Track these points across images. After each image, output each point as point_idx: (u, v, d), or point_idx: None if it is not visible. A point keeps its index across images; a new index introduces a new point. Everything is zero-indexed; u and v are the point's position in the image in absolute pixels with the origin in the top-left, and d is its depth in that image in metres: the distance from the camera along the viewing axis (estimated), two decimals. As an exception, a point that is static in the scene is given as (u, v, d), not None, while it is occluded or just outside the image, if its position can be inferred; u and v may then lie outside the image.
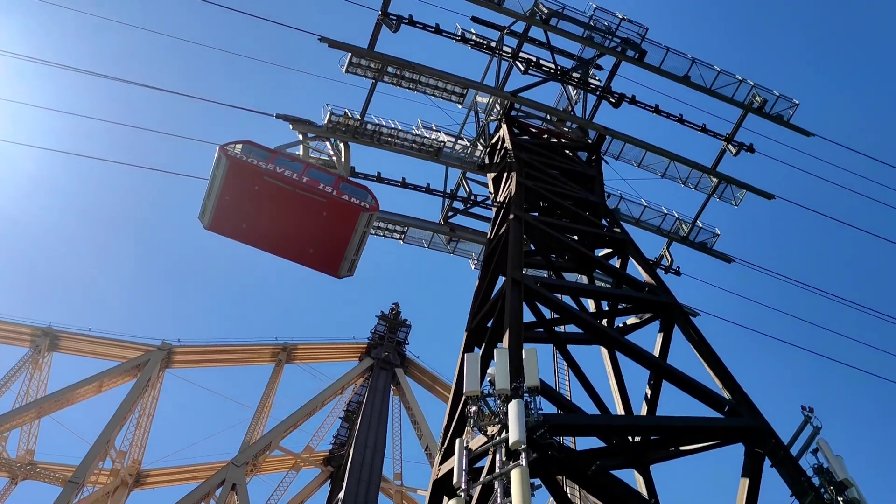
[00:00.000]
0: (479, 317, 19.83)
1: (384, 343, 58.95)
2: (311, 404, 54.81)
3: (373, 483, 47.01)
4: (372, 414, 52.35)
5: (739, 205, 30.35)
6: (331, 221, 16.78)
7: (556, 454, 13.76)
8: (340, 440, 58.00)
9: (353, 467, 47.63)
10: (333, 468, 56.73)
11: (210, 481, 45.64)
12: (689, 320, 20.18)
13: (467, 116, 31.18)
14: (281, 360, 55.08)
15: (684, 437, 17.32)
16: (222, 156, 16.12)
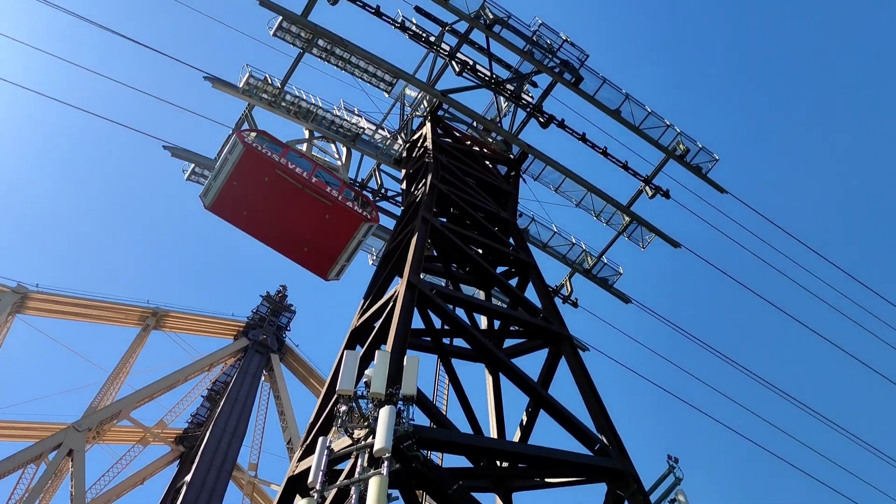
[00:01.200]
0: (368, 315, 19.85)
1: (264, 325, 57.97)
2: (172, 377, 53.28)
3: (224, 470, 46.09)
4: (237, 397, 51.35)
5: (646, 248, 31.58)
6: (331, 225, 17.44)
7: (420, 468, 13.91)
8: (198, 420, 56.53)
9: (206, 451, 46.55)
10: (185, 449, 55.22)
11: (44, 443, 43.62)
12: (577, 353, 20.82)
13: (392, 107, 31.19)
14: (149, 324, 53.29)
15: (551, 469, 17.85)
16: (238, 142, 16.14)
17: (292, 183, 16.05)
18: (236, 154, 16.28)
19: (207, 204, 16.24)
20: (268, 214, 16.90)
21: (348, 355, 14.57)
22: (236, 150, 16.09)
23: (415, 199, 24.10)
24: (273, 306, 60.24)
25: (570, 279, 31.80)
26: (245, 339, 56.88)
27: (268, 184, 16.24)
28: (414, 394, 14.10)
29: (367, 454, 12.71)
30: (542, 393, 18.79)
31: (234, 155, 16.33)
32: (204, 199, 16.32)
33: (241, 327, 57.96)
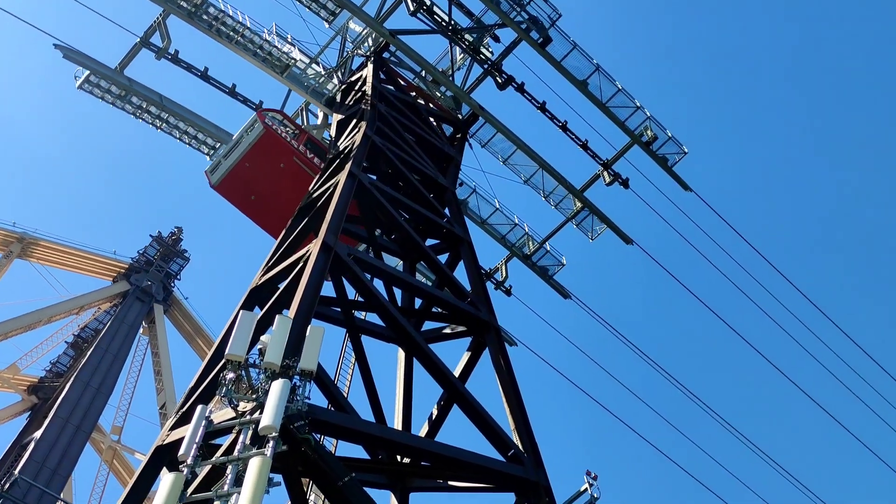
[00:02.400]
0: (272, 274, 19.63)
1: (150, 270, 56.74)
2: (34, 316, 51.78)
3: (82, 430, 45.20)
4: (108, 349, 50.27)
5: (595, 240, 32.07)
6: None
7: (309, 453, 13.89)
8: (58, 369, 55.11)
9: (63, 405, 45.50)
10: (39, 400, 53.82)
11: None
12: (503, 347, 21.06)
13: (332, 40, 30.73)
14: (12, 251, 51.57)
15: (456, 472, 18.08)
16: (259, 122, 16.19)
17: (308, 173, 16.52)
18: (254, 135, 16.86)
19: (214, 182, 16.64)
20: (276, 202, 17.61)
21: (244, 316, 14.39)
22: (255, 131, 16.64)
23: (344, 149, 23.85)
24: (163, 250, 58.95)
25: (506, 263, 32.08)
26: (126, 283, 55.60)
27: (282, 170, 16.96)
28: (314, 369, 14.03)
29: (252, 431, 12.60)
30: (459, 386, 18.95)
31: (252, 135, 16.92)
32: (210, 177, 16.64)
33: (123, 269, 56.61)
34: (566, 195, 31.56)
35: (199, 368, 17.80)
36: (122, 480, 55.05)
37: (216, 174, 16.65)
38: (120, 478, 55.72)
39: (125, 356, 51.76)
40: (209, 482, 12.72)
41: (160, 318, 55.13)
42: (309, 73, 29.81)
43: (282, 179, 17.33)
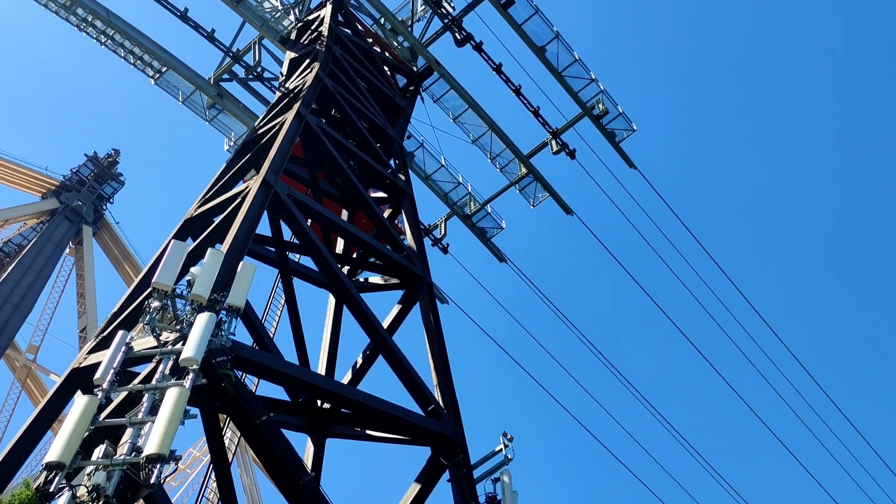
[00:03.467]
0: (209, 207, 19.29)
1: (82, 190, 55.25)
2: (-46, 225, 50.15)
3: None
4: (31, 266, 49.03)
5: (536, 206, 32.24)
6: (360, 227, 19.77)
7: (229, 389, 13.80)
8: (-23, 282, 53.60)
9: (-20, 320, 44.41)
10: (-46, 312, 52.34)
11: None
12: (435, 304, 21.15)
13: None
14: (-65, 156, 49.74)
15: (375, 422, 18.20)
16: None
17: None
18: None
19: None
20: None
21: (175, 245, 14.15)
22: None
23: (295, 88, 23.43)
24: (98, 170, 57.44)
25: (446, 221, 32.08)
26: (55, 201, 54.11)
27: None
28: (241, 306, 13.90)
29: (172, 361, 12.47)
30: (386, 338, 19.00)
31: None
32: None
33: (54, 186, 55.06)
34: (512, 159, 31.60)
35: (125, 295, 17.49)
36: (35, 400, 54.06)
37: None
38: (32, 398, 54.72)
39: (48, 275, 50.53)
40: (123, 409, 12.57)
41: (88, 239, 53.80)
42: (265, 6, 29.11)
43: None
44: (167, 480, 11.40)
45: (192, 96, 29.71)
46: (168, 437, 10.71)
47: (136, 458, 10.75)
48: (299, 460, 15.14)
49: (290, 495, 14.91)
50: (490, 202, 32.31)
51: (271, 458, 14.95)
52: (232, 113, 29.76)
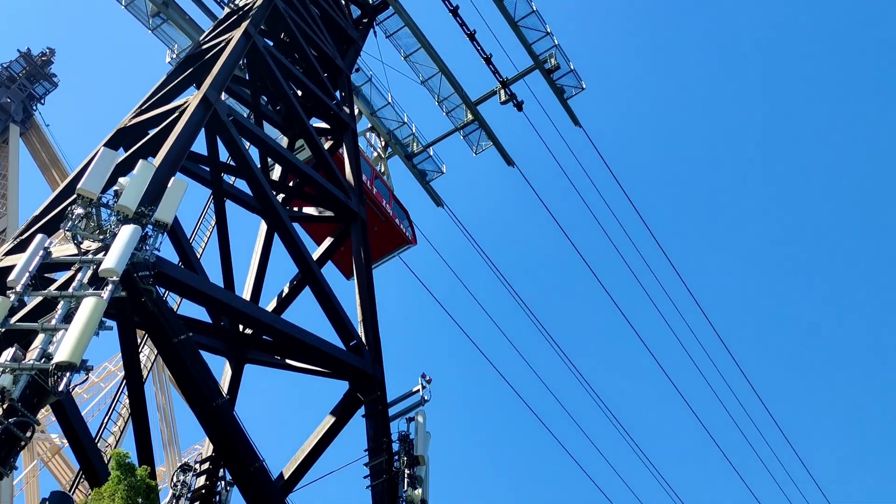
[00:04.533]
0: (145, 118, 18.75)
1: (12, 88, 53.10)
2: None
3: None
4: (-48, 162, 47.16)
5: (478, 154, 32.17)
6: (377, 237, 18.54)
7: (149, 305, 13.57)
8: None
9: None
10: None
11: None
12: (367, 241, 21.04)
13: None
14: None
15: (295, 352, 18.14)
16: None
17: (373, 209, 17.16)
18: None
19: None
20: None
21: (105, 153, 13.73)
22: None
23: (244, 6, 22.74)
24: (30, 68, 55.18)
25: (387, 159, 31.81)
26: (-17, 97, 51.99)
27: None
28: (169, 222, 13.62)
29: (92, 271, 12.16)
30: (314, 269, 18.87)
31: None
32: None
33: (-17, 82, 52.88)
34: (459, 105, 31.38)
35: (48, 199, 16.97)
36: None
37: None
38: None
39: (-31, 172, 48.78)
40: (37, 315, 12.26)
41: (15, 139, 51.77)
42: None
43: None
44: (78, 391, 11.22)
45: (135, 1, 28.62)
46: (80, 346, 10.49)
47: (46, 365, 10.51)
48: (215, 382, 15.04)
49: (203, 417, 14.83)
50: (433, 145, 32.11)
51: (187, 379, 14.82)
52: (176, 24, 28.78)
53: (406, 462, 16.89)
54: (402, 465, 16.86)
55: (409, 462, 16.89)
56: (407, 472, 16.70)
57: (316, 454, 17.76)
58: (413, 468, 16.86)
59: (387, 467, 16.68)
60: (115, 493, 9.63)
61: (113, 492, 9.69)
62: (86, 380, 11.13)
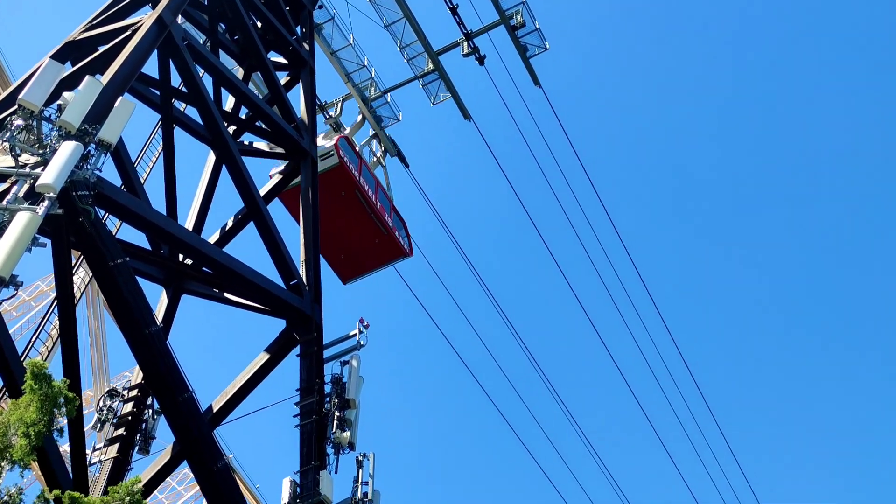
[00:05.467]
0: (96, 34, 18.12)
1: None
2: None
3: None
4: None
5: (435, 105, 31.84)
6: (376, 248, 19.30)
7: (86, 225, 13.24)
8: None
9: None
10: None
11: None
12: (316, 181, 20.77)
13: None
14: None
15: (234, 286, 17.92)
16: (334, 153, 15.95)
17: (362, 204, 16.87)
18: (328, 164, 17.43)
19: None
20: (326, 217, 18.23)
21: (50, 65, 13.25)
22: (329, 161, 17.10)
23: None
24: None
25: (343, 102, 31.29)
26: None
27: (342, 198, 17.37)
28: (113, 143, 13.24)
29: (28, 185, 11.79)
30: (260, 205, 18.60)
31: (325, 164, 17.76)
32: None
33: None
34: (421, 53, 30.90)
35: (-12, 107, 16.34)
36: None
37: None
38: None
39: None
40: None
41: (-41, 47, 49.90)
42: None
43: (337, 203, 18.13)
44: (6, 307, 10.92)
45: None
46: (10, 261, 10.19)
47: (-27, 277, 10.19)
48: (149, 310, 14.79)
49: (135, 343, 14.61)
50: (391, 91, 31.64)
51: (121, 304, 14.55)
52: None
53: (337, 404, 16.90)
54: (332, 408, 16.87)
55: (339, 405, 16.90)
56: (337, 414, 16.72)
57: (247, 390, 17.66)
58: (343, 411, 16.88)
59: (317, 408, 16.67)
60: (31, 403, 9.41)
61: (28, 402, 9.48)
62: (15, 296, 10.86)
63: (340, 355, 18.06)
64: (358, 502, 16.32)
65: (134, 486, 10.80)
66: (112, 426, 17.26)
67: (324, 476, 15.89)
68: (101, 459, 16.83)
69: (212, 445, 14.77)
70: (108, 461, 16.76)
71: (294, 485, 15.80)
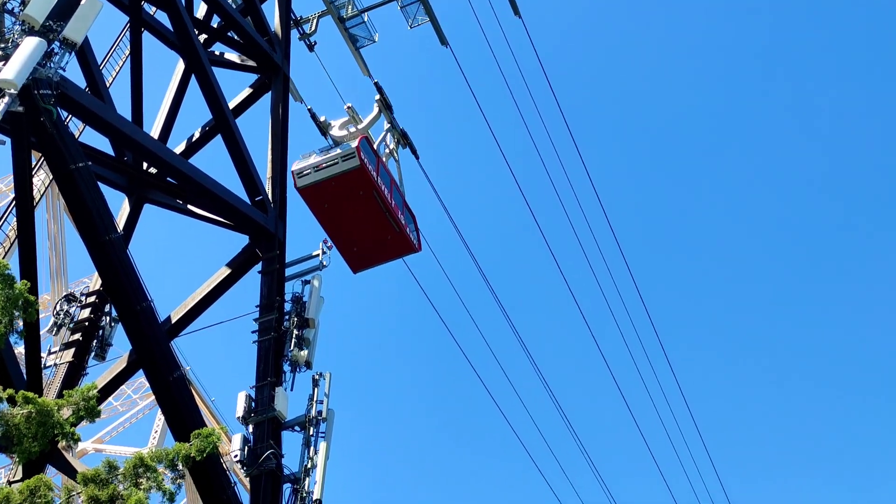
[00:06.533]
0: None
1: None
2: None
3: None
4: None
5: (413, 28, 31.23)
6: (388, 243, 19.88)
7: (48, 126, 12.90)
8: None
9: None
10: None
11: None
12: (287, 98, 20.42)
13: None
14: None
15: (198, 198, 17.69)
16: (356, 155, 17.90)
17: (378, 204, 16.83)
18: (348, 166, 18.40)
19: (299, 185, 18.53)
20: (342, 213, 19.25)
21: (15, -45, 12.66)
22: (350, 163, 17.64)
23: None
24: None
25: (319, 18, 30.56)
26: None
27: (360, 197, 18.88)
28: (79, 42, 12.84)
29: (-13, 79, 11.38)
30: (229, 117, 18.27)
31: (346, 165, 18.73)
32: (297, 180, 18.38)
33: None
34: (401, -29, 30.18)
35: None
36: None
37: (303, 181, 18.51)
38: None
39: None
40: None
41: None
42: None
43: (355, 201, 19.08)
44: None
45: None
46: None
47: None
48: (111, 217, 14.56)
49: (94, 249, 14.41)
50: (368, 10, 30.95)
51: (81, 209, 14.31)
52: None
53: (296, 323, 16.89)
54: (291, 326, 16.86)
55: (298, 323, 16.89)
56: (296, 332, 16.72)
57: (206, 303, 17.60)
58: (302, 330, 16.88)
59: (276, 325, 16.67)
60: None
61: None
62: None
63: (302, 275, 17.98)
64: (312, 420, 16.43)
65: (89, 392, 10.76)
66: (69, 331, 17.12)
67: (279, 392, 15.97)
68: (56, 363, 16.73)
69: (168, 356, 14.73)
70: (63, 365, 16.67)
71: (249, 399, 15.88)
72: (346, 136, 19.68)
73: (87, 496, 10.43)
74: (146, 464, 10.77)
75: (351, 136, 19.62)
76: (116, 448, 40.18)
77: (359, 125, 19.88)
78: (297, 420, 16.38)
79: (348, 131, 19.79)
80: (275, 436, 15.74)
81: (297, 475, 15.77)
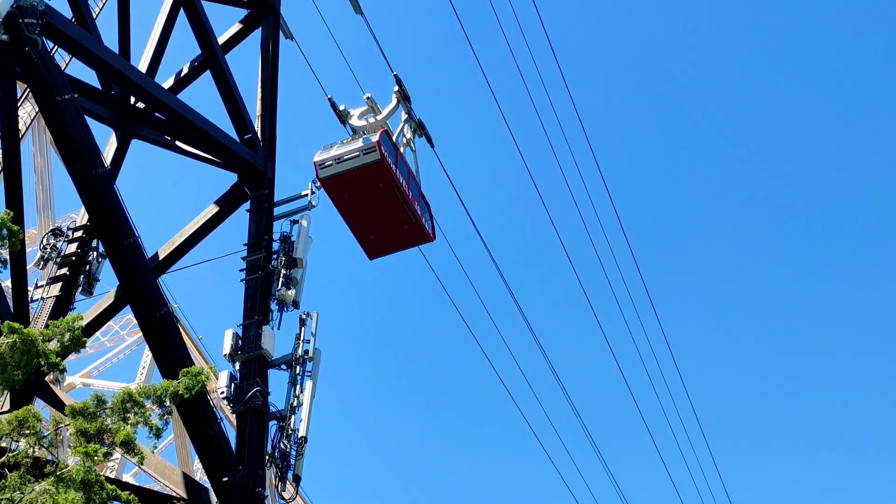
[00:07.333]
0: None
1: None
2: None
3: None
4: None
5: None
6: (404, 233, 20.38)
7: (33, 56, 12.65)
8: None
9: None
10: None
11: None
12: (278, 35, 20.02)
13: None
14: None
15: (186, 134, 17.46)
16: (377, 149, 18.25)
17: (396, 196, 19.21)
18: (368, 159, 18.79)
19: (321, 176, 18.58)
20: (361, 204, 19.59)
21: None
22: (370, 156, 18.71)
23: None
24: None
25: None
26: None
27: (379, 188, 19.31)
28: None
29: (-29, 7, 11.10)
30: (218, 52, 17.95)
31: (367, 159, 18.81)
32: (319, 171, 18.53)
33: None
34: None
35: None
36: None
37: (325, 172, 18.72)
38: None
39: None
40: None
41: None
42: None
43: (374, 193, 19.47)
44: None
45: None
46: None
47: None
48: (97, 150, 14.38)
49: (81, 183, 14.24)
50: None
51: (68, 142, 14.10)
52: None
53: (284, 262, 16.83)
54: (279, 265, 16.81)
55: (286, 263, 16.84)
56: (283, 272, 16.68)
57: (194, 240, 17.51)
58: (290, 269, 16.84)
59: (264, 264, 16.63)
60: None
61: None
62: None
63: (290, 214, 17.88)
64: (298, 359, 16.48)
65: (75, 322, 10.72)
66: (55, 265, 17.02)
67: (266, 331, 15.99)
68: (42, 297, 16.66)
69: (155, 292, 14.67)
70: (49, 299, 16.61)
71: (236, 337, 15.90)
72: (365, 127, 19.80)
73: (75, 428, 10.47)
74: (134, 399, 10.80)
75: (370, 128, 19.72)
76: (104, 383, 40.28)
77: (377, 116, 19.97)
78: (283, 359, 16.44)
79: (367, 121, 19.86)
80: (261, 374, 15.80)
81: (282, 413, 15.88)
